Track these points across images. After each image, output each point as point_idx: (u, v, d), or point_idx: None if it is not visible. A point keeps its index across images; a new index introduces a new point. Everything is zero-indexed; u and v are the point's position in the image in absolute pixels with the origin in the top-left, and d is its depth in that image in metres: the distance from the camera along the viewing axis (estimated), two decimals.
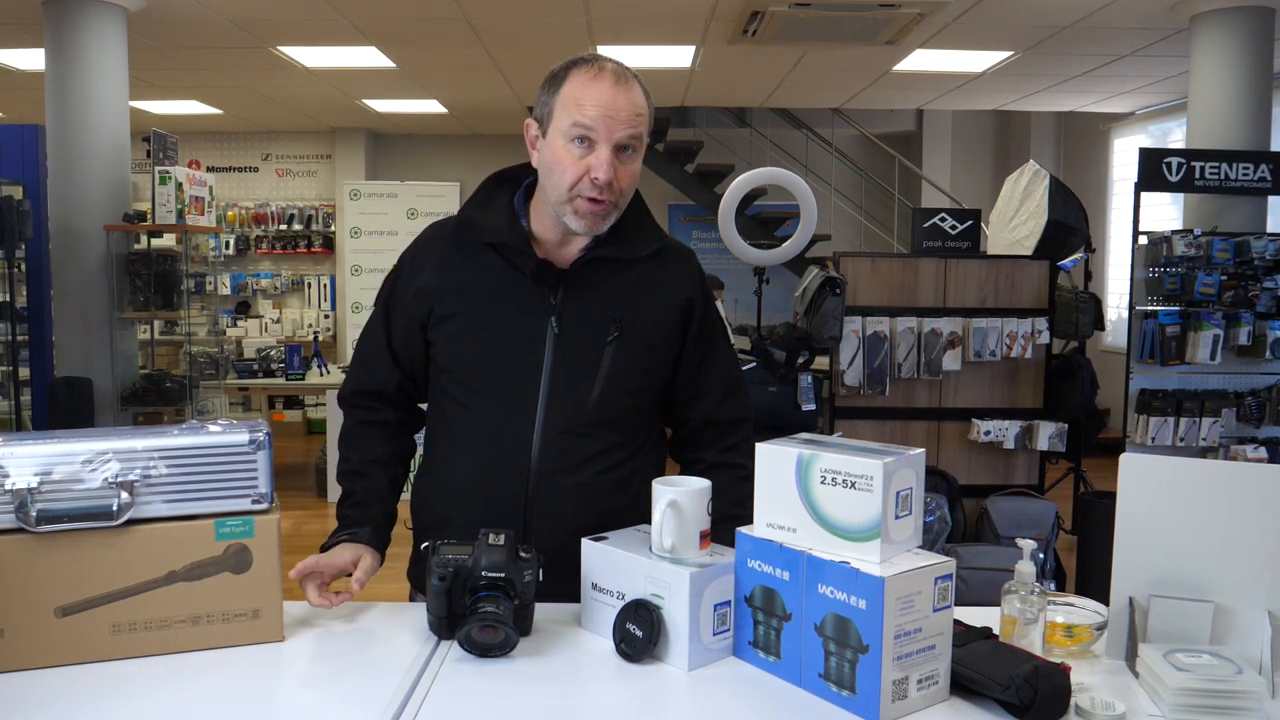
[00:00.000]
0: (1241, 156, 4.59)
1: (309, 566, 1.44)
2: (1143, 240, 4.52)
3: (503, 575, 1.33)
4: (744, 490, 1.37)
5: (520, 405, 1.50)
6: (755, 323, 4.51)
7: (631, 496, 1.54)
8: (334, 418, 6.49)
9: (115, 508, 1.29)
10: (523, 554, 1.36)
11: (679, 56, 6.60)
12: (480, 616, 1.30)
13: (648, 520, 1.59)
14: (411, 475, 1.69)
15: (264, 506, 1.37)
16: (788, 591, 1.26)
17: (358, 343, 1.66)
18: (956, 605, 1.24)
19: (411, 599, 1.68)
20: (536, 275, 1.50)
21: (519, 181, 1.58)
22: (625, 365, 1.50)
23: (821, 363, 4.44)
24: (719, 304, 1.68)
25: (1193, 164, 4.52)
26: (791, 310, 4.41)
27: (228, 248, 9.60)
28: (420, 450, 1.68)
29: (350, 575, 1.46)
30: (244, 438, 1.36)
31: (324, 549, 1.51)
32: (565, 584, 1.44)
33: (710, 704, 1.23)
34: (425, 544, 1.39)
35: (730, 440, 1.63)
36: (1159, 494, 1.31)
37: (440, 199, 8.92)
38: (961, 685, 1.22)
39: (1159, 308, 4.43)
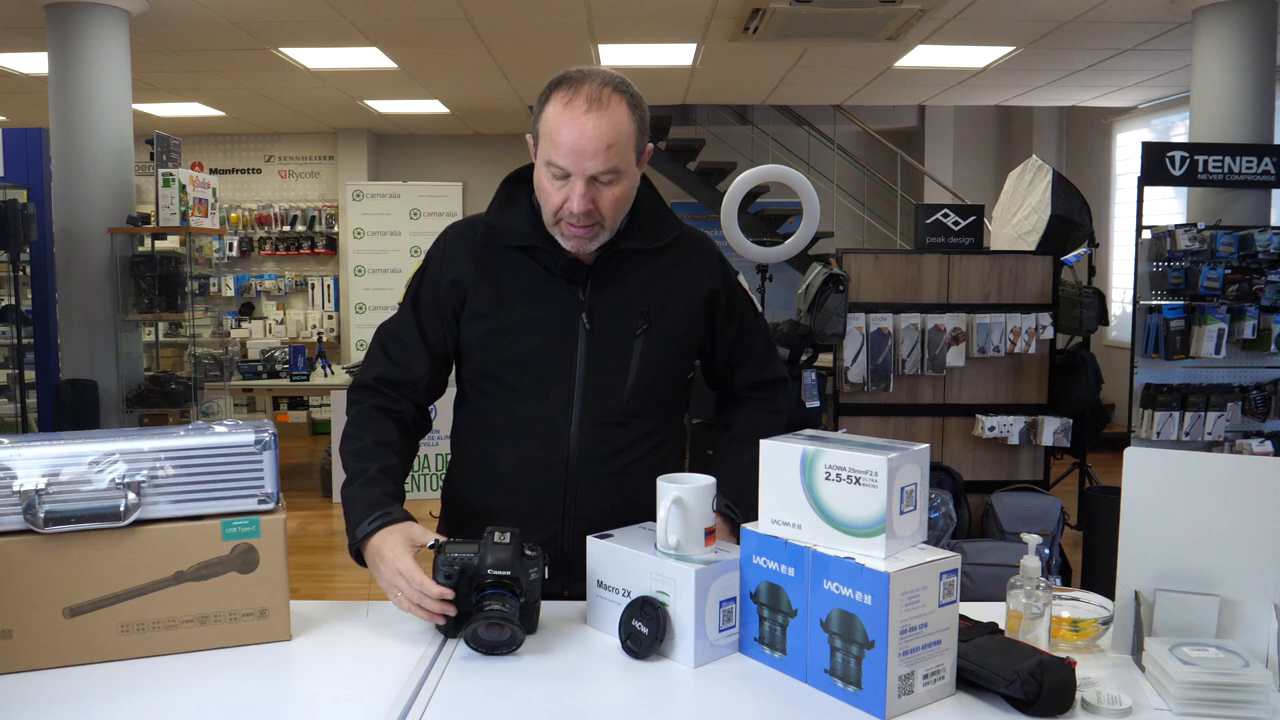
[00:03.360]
0: (1245, 150, 4.57)
1: (416, 592, 1.34)
2: (1146, 234, 4.50)
3: (508, 573, 1.33)
4: (767, 421, 1.62)
5: (558, 399, 1.55)
6: None
7: None
8: (338, 418, 6.50)
9: (122, 508, 1.29)
10: (528, 552, 1.36)
11: (680, 54, 6.60)
12: (486, 614, 1.30)
13: None
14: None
15: (270, 506, 1.37)
16: (793, 588, 1.26)
17: (381, 334, 1.63)
18: (962, 601, 1.24)
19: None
20: (567, 273, 1.54)
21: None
22: (655, 356, 1.56)
23: (825, 359, 4.44)
24: (740, 278, 1.74)
25: (1196, 158, 4.50)
26: (795, 307, 4.41)
27: (231, 249, 9.62)
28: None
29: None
30: (250, 438, 1.36)
31: (361, 537, 1.42)
32: None
33: (716, 701, 1.23)
34: (432, 543, 1.39)
35: (767, 393, 1.74)
36: (1164, 488, 1.31)
37: (443, 199, 8.92)
38: (967, 680, 1.22)
39: (1163, 302, 4.42)
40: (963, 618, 1.26)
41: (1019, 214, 4.68)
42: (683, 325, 1.59)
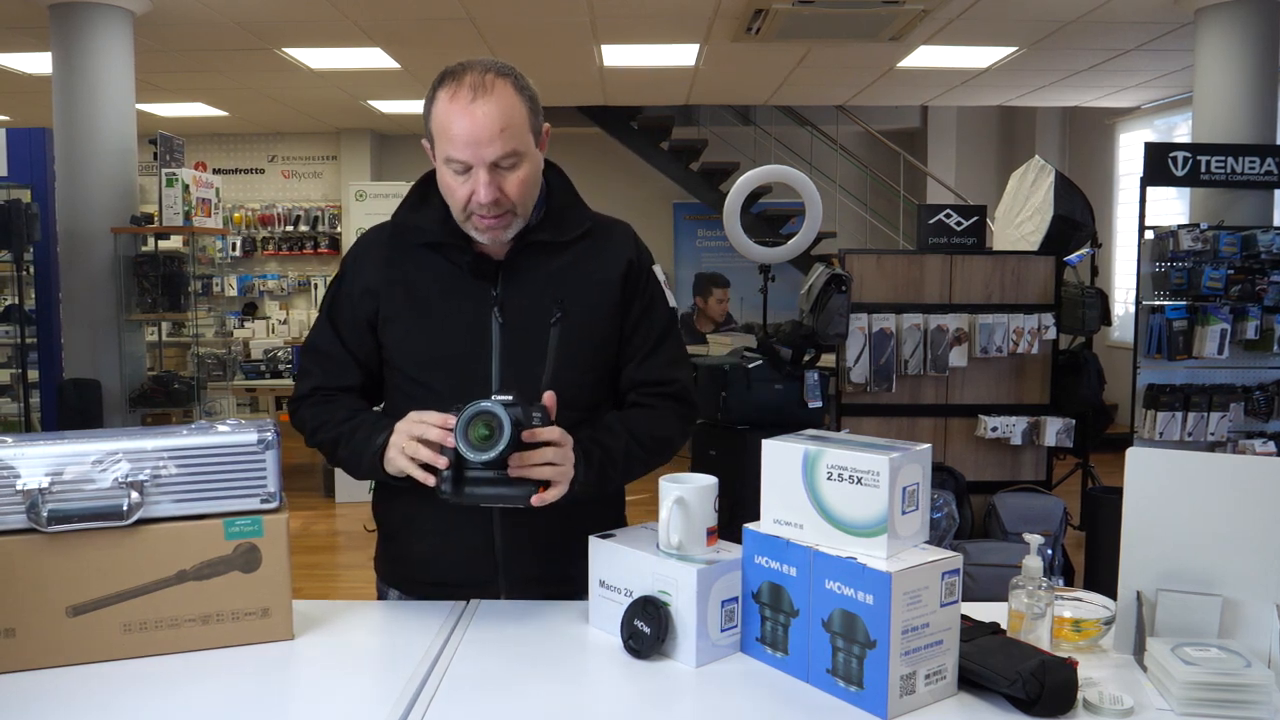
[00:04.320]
0: (1247, 150, 4.57)
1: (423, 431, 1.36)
2: (1149, 235, 4.50)
3: (510, 398, 1.33)
4: (645, 420, 1.53)
5: (478, 396, 1.49)
6: (761, 320, 4.50)
7: None
8: None
9: (125, 507, 1.30)
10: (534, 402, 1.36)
11: (683, 55, 6.60)
12: (475, 404, 1.31)
13: (615, 502, 1.62)
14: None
15: (273, 506, 1.37)
16: (795, 587, 1.26)
17: (308, 350, 1.61)
18: (964, 601, 1.24)
19: (380, 596, 1.68)
20: (474, 269, 1.52)
21: None
22: (573, 343, 1.51)
23: (828, 360, 4.44)
24: (656, 268, 1.66)
25: (1198, 158, 4.50)
26: (797, 308, 4.41)
27: (234, 249, 9.63)
28: None
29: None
30: (252, 437, 1.37)
31: (380, 444, 1.43)
32: (542, 569, 1.50)
33: (718, 700, 1.24)
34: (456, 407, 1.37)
35: (658, 399, 1.60)
36: (1166, 488, 1.30)
37: None
38: (969, 680, 1.22)
39: (1166, 302, 4.42)
40: (965, 618, 1.26)
41: (1021, 214, 4.67)
42: (602, 310, 1.54)
